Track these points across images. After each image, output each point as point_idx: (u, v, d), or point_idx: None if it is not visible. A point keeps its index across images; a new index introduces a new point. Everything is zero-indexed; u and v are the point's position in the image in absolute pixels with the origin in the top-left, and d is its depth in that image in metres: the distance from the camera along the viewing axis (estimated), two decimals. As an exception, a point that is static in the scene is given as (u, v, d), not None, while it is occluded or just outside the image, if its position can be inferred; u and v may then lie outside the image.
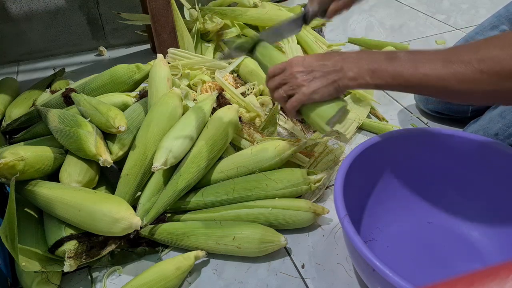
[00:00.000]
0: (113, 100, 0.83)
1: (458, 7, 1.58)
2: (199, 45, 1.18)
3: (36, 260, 0.60)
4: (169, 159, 0.69)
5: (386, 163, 0.69)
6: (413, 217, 0.70)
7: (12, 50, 1.30)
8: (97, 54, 1.35)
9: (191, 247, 0.68)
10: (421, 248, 0.66)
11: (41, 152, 0.69)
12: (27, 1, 1.22)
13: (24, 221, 0.67)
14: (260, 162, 0.76)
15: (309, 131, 0.94)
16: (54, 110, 0.76)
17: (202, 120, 0.78)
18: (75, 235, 0.63)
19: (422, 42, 1.34)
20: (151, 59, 0.98)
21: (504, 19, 0.90)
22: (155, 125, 0.75)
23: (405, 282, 0.44)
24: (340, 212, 0.54)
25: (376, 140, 0.66)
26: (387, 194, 0.70)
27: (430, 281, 0.28)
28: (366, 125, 0.96)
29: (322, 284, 0.65)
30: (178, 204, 0.73)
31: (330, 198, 0.80)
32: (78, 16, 1.30)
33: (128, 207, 0.65)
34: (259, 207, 0.71)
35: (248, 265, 0.68)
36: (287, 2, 1.56)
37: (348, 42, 1.32)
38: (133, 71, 0.88)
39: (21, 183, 0.67)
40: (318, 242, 0.71)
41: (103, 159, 0.67)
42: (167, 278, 0.62)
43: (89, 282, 0.66)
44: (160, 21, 1.03)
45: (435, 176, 0.69)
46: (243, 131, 0.85)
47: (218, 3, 1.30)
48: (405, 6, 1.61)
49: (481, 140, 0.65)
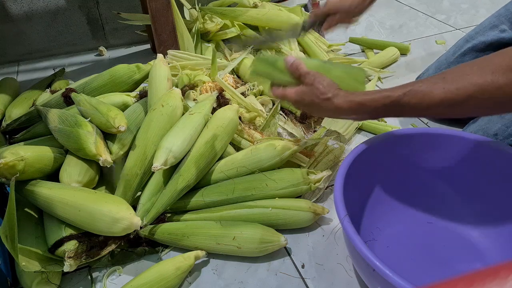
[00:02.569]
0: (113, 100, 0.83)
1: (458, 7, 1.58)
2: (199, 45, 1.18)
3: (36, 260, 0.60)
4: (169, 159, 0.69)
5: (386, 163, 0.69)
6: (413, 217, 0.70)
7: (12, 50, 1.30)
8: (97, 54, 1.35)
9: (191, 247, 0.68)
10: (421, 248, 0.66)
11: (41, 152, 0.69)
12: (27, 1, 1.22)
13: (24, 221, 0.67)
14: (260, 162, 0.76)
15: (309, 131, 0.94)
16: (54, 110, 0.76)
17: (202, 120, 0.78)
18: (75, 235, 0.63)
19: (422, 42, 1.34)
20: (151, 59, 0.98)
21: (504, 19, 0.90)
22: (155, 125, 0.75)
23: (405, 282, 0.44)
24: (340, 212, 0.54)
25: (376, 140, 0.66)
26: (387, 194, 0.70)
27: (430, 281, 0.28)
28: (365, 125, 0.96)
29: (322, 284, 0.65)
30: (178, 204, 0.73)
31: (330, 198, 0.80)
32: (78, 16, 1.30)
33: (128, 207, 0.65)
34: (259, 207, 0.71)
35: (248, 265, 0.68)
36: (287, 2, 1.56)
37: (349, 41, 1.32)
38: (133, 71, 0.88)
39: (21, 183, 0.67)
40: (318, 242, 0.71)
41: (103, 159, 0.67)
42: (167, 278, 0.62)
43: (89, 282, 0.66)
44: (160, 21, 1.03)
45: (435, 176, 0.69)
46: (243, 131, 0.85)
47: (218, 3, 1.30)
48: (405, 6, 1.61)
49: (481, 140, 0.65)
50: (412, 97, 0.52)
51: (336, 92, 0.57)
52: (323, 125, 0.93)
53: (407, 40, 1.35)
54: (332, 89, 0.58)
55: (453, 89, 0.49)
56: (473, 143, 0.66)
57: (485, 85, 0.47)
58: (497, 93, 0.47)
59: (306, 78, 0.60)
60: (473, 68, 0.49)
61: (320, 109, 0.59)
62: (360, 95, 0.56)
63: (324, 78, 0.59)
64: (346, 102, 0.56)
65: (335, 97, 0.57)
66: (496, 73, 0.46)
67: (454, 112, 0.52)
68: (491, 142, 0.65)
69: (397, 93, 0.53)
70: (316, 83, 0.58)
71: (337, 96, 0.57)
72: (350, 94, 0.57)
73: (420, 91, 0.51)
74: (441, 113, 0.53)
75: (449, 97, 0.49)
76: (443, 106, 0.50)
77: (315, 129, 0.93)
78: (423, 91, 0.51)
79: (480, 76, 0.47)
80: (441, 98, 0.50)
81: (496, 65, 0.47)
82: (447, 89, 0.49)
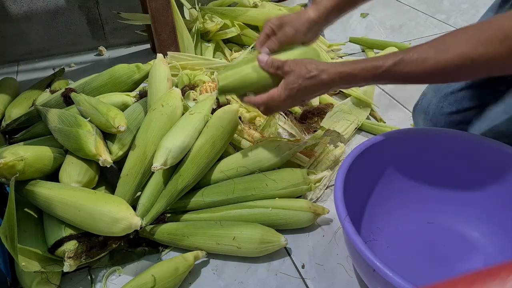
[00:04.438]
0: (113, 100, 0.83)
1: (458, 7, 1.58)
2: (199, 44, 1.18)
3: (36, 260, 0.60)
4: (169, 159, 0.69)
5: (386, 163, 0.69)
6: (413, 217, 0.70)
7: (12, 50, 1.30)
8: (97, 54, 1.35)
9: (191, 247, 0.68)
10: (421, 248, 0.66)
11: (41, 152, 0.69)
12: (27, 1, 1.22)
13: (24, 221, 0.67)
14: (260, 162, 0.76)
15: (309, 131, 0.94)
16: (53, 110, 0.76)
17: (202, 120, 0.78)
18: (75, 235, 0.63)
19: (422, 42, 1.34)
20: (151, 59, 0.98)
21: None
22: (155, 125, 0.75)
23: (405, 282, 0.44)
24: (341, 213, 0.54)
25: (376, 140, 0.66)
26: (387, 194, 0.70)
27: (430, 281, 0.28)
28: (365, 126, 0.96)
29: (322, 284, 0.65)
30: (178, 204, 0.73)
31: (330, 198, 0.80)
32: (78, 16, 1.30)
33: (128, 207, 0.65)
34: (259, 207, 0.71)
35: (248, 265, 0.68)
36: (287, 2, 1.56)
37: (349, 41, 1.32)
38: (133, 71, 0.88)
39: (21, 183, 0.67)
40: (318, 242, 0.71)
41: (103, 159, 0.67)
42: (167, 278, 0.62)
43: (89, 282, 0.66)
44: (160, 21, 1.03)
45: (435, 176, 0.69)
46: (243, 131, 0.85)
47: (218, 3, 1.30)
48: (405, 6, 1.61)
49: (481, 140, 0.65)
50: (404, 66, 0.52)
51: (321, 67, 0.57)
52: (323, 125, 0.93)
53: (407, 40, 1.35)
54: (315, 65, 0.57)
55: (444, 59, 0.50)
56: (473, 143, 0.66)
57: (477, 56, 0.48)
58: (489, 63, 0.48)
59: (285, 67, 0.59)
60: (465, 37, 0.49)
61: (311, 90, 0.59)
62: (350, 65, 0.56)
63: (301, 60, 0.58)
64: (336, 73, 0.56)
65: (322, 72, 0.57)
66: (488, 44, 0.47)
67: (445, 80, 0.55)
68: (492, 142, 0.65)
69: (388, 63, 0.53)
70: (297, 67, 0.58)
71: (324, 71, 0.57)
72: (337, 66, 0.57)
73: (412, 60, 0.52)
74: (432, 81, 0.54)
75: (440, 67, 0.50)
76: (434, 75, 0.51)
77: (315, 129, 0.93)
78: (414, 60, 0.51)
79: (472, 48, 0.48)
80: (433, 68, 0.50)
81: (488, 37, 0.47)
82: (439, 59, 0.50)
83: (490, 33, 0.48)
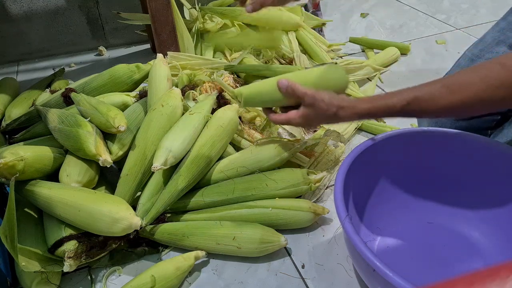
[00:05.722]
0: (113, 100, 0.83)
1: (458, 7, 1.58)
2: (199, 44, 1.18)
3: (35, 260, 0.60)
4: (169, 159, 0.69)
5: (386, 163, 0.69)
6: (413, 217, 0.70)
7: (12, 50, 1.30)
8: (97, 54, 1.35)
9: (191, 247, 0.68)
10: (421, 248, 0.66)
11: (41, 152, 0.69)
12: (27, 1, 1.22)
13: (24, 221, 0.67)
14: (260, 162, 0.76)
15: (309, 131, 0.94)
16: (53, 110, 0.76)
17: (202, 120, 0.78)
18: (75, 235, 0.63)
19: (422, 42, 1.34)
20: (151, 59, 0.98)
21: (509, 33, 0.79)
22: (155, 125, 0.75)
23: (405, 282, 0.44)
24: (341, 213, 0.54)
25: (376, 140, 0.66)
26: (387, 194, 0.70)
27: (430, 281, 0.27)
28: (365, 125, 0.96)
29: (322, 284, 0.65)
30: (178, 204, 0.73)
31: (330, 198, 0.80)
32: (78, 16, 1.30)
33: (128, 207, 0.65)
34: (259, 207, 0.71)
35: (248, 265, 0.68)
36: (287, 2, 1.55)
37: (349, 41, 1.32)
38: (133, 71, 0.88)
39: (21, 183, 0.67)
40: (318, 242, 0.71)
41: (103, 159, 0.67)
42: (167, 278, 0.62)
43: (89, 282, 0.66)
44: (160, 21, 1.03)
45: (435, 176, 0.69)
46: (243, 131, 0.85)
47: (218, 3, 1.30)
48: (405, 6, 1.61)
49: (481, 140, 0.65)
50: (417, 106, 0.54)
51: (340, 104, 0.59)
52: (322, 125, 0.93)
53: (407, 40, 1.35)
54: (335, 102, 0.59)
55: (456, 100, 0.52)
56: (474, 143, 0.66)
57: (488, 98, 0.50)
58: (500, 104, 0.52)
59: (305, 100, 0.60)
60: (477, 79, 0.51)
61: (327, 122, 0.63)
62: (364, 104, 0.58)
63: (323, 95, 0.60)
64: (353, 113, 0.59)
65: (340, 110, 0.59)
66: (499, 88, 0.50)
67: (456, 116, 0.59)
68: (492, 142, 0.65)
69: (400, 103, 0.55)
70: (317, 102, 0.59)
71: (342, 109, 0.59)
72: (354, 105, 0.59)
73: (424, 100, 0.54)
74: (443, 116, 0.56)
75: (452, 106, 0.52)
76: (446, 113, 0.54)
77: (315, 129, 0.93)
78: (427, 100, 0.54)
79: (484, 91, 0.50)
80: (444, 107, 0.53)
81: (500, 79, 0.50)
82: (451, 100, 0.52)
83: (501, 76, 0.50)
